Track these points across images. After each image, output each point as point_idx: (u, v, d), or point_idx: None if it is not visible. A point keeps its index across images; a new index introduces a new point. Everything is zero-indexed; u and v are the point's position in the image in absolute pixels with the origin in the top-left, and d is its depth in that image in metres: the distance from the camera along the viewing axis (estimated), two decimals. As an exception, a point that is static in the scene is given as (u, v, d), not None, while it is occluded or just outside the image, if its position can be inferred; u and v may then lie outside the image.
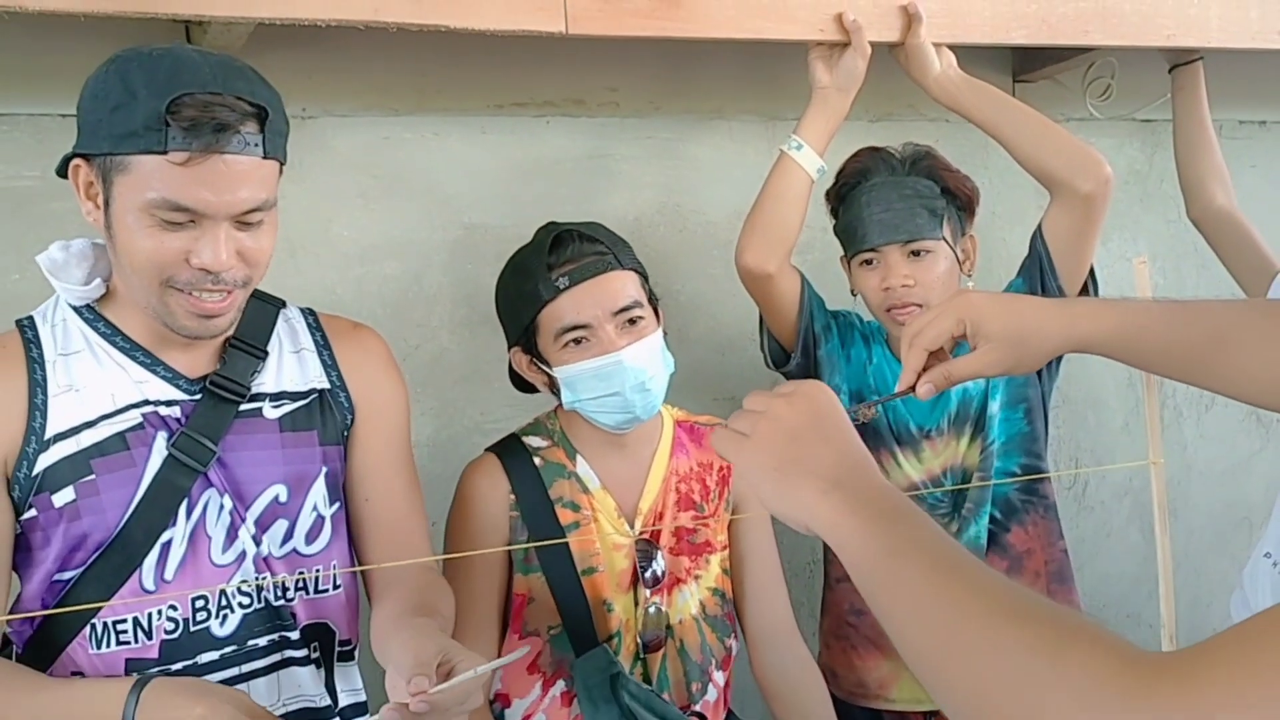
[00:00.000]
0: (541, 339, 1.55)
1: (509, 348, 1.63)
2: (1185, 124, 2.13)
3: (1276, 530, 1.60)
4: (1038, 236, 1.77)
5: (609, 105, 2.08)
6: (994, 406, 1.78)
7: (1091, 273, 1.79)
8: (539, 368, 1.58)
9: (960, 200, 1.76)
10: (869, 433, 1.79)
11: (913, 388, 1.19)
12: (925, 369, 1.19)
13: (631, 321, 1.53)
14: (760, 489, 0.91)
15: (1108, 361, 2.53)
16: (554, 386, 1.58)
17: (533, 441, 1.63)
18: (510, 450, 1.62)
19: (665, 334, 1.59)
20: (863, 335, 1.86)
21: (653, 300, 1.59)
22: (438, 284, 1.98)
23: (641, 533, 1.59)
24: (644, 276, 1.59)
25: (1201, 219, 2.12)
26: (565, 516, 1.57)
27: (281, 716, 1.31)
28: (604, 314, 1.51)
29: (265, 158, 1.19)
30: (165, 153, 1.12)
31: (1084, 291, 1.78)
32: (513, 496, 1.57)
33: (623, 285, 1.53)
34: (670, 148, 2.13)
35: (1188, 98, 2.12)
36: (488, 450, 1.63)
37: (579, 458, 1.61)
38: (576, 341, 1.52)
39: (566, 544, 1.55)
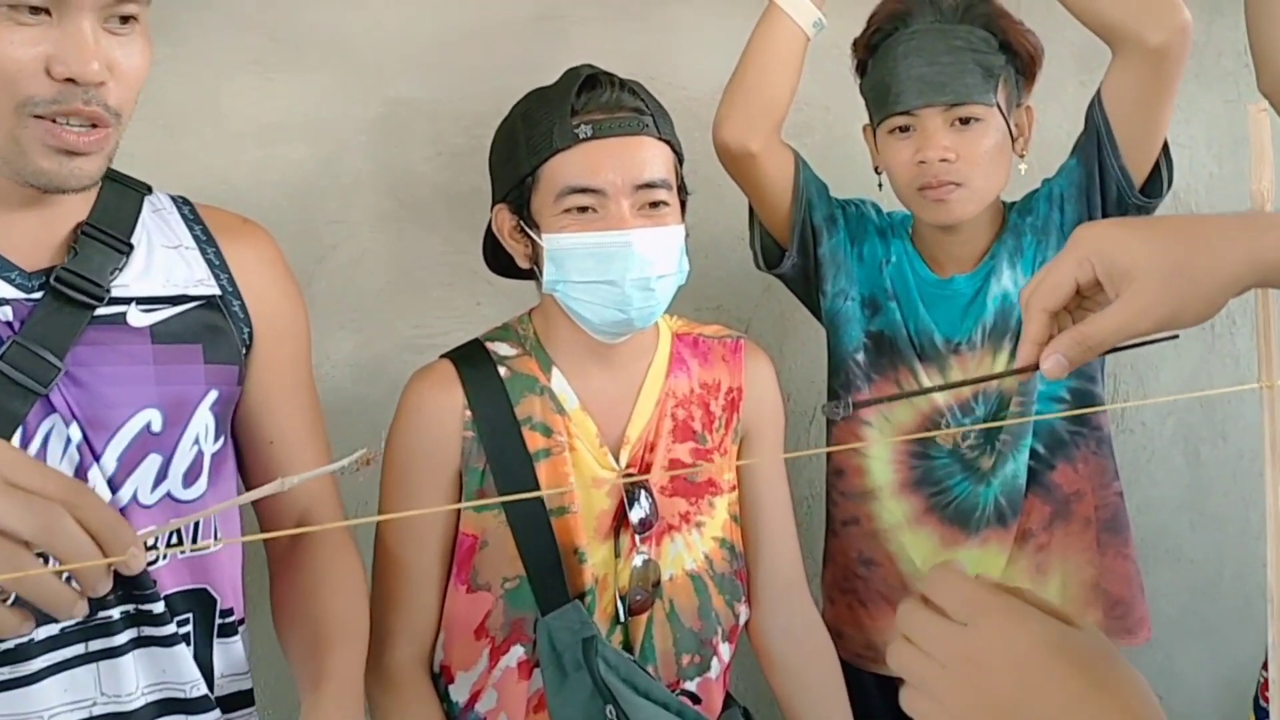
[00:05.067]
0: (538, 196, 1.29)
1: (493, 203, 1.35)
2: (1259, -22, 1.78)
3: None
4: (1096, 106, 1.48)
5: (566, -46, 1.79)
6: None
7: (1166, 151, 1.49)
8: (524, 233, 1.31)
9: (1021, 60, 1.48)
10: (884, 346, 1.52)
11: (1036, 366, 0.89)
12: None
13: (654, 205, 1.28)
14: None
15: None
16: (536, 260, 1.31)
17: (499, 349, 1.36)
18: (470, 357, 1.36)
19: (688, 236, 1.33)
20: (878, 230, 1.59)
21: (682, 192, 1.34)
22: (357, 171, 1.70)
23: (628, 466, 1.33)
24: (680, 160, 1.33)
25: (1274, 91, 1.78)
26: (534, 441, 1.31)
27: (144, 707, 1.08)
28: (624, 184, 1.25)
29: None
30: None
31: (1154, 173, 1.48)
32: (469, 413, 1.32)
33: (655, 156, 1.28)
34: (640, 8, 1.83)
35: (1263, -55, 1.77)
36: (443, 356, 1.38)
37: (555, 371, 1.35)
38: (581, 209, 1.26)
39: (533, 476, 1.30)
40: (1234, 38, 2.15)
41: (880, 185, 1.56)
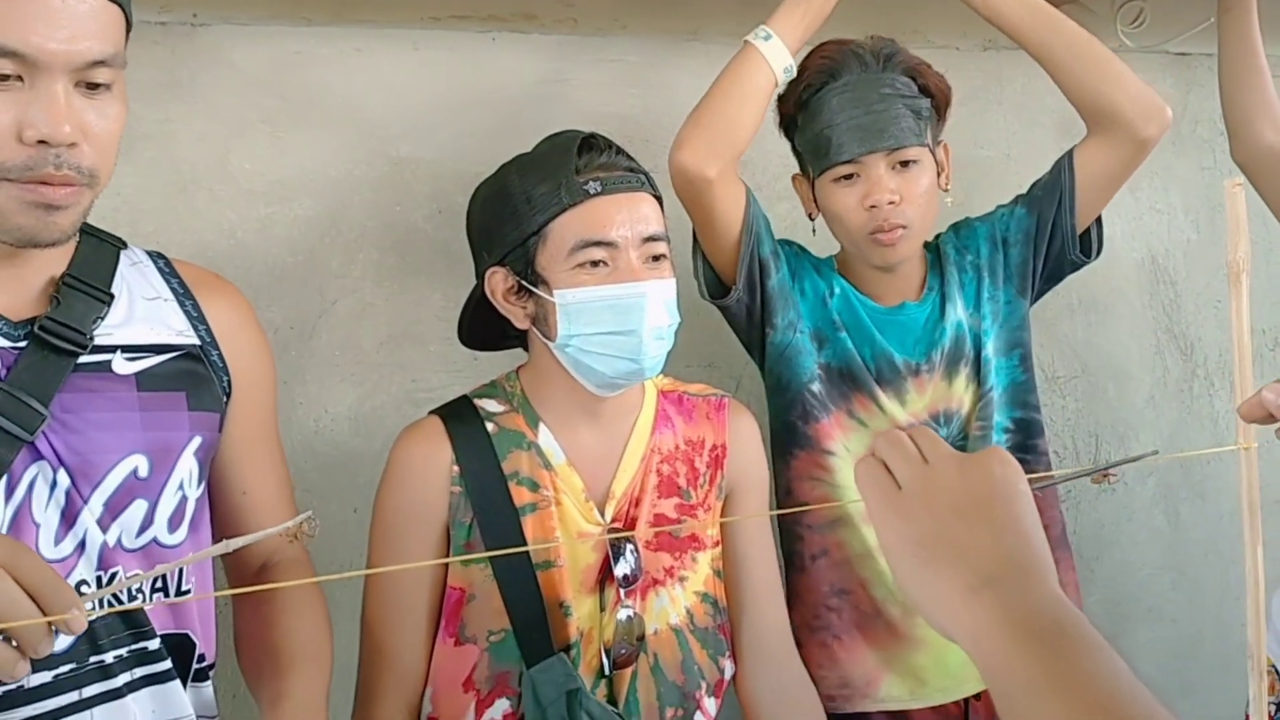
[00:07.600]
0: (546, 253, 1.29)
1: (485, 268, 1.35)
2: (1233, 51, 1.84)
3: None
4: (1066, 170, 1.58)
5: (566, 22, 1.82)
6: (989, 349, 1.59)
7: (1099, 220, 1.62)
8: (528, 291, 1.31)
9: (938, 101, 1.57)
10: (834, 376, 1.56)
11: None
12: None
13: (655, 258, 1.31)
14: (898, 564, 0.77)
15: (1132, 327, 2.28)
16: (540, 320, 1.32)
17: (487, 405, 1.37)
18: (458, 413, 1.37)
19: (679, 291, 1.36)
20: (814, 266, 1.63)
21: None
22: (360, 228, 1.72)
23: (613, 520, 1.34)
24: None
25: (1248, 160, 1.84)
26: (520, 496, 1.32)
27: None
28: (633, 236, 1.29)
29: None
30: None
31: (1085, 237, 1.61)
32: (456, 468, 1.33)
33: (653, 211, 1.33)
34: (637, 73, 1.88)
35: (1237, 20, 1.83)
36: (431, 413, 1.39)
37: (542, 426, 1.36)
38: (594, 263, 1.28)
39: (520, 530, 1.31)
40: (1209, 107, 2.21)
41: (814, 231, 1.60)
